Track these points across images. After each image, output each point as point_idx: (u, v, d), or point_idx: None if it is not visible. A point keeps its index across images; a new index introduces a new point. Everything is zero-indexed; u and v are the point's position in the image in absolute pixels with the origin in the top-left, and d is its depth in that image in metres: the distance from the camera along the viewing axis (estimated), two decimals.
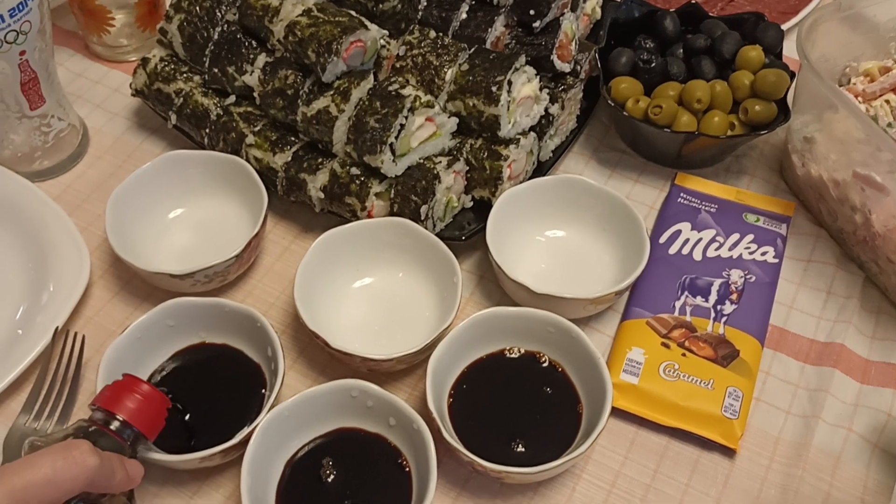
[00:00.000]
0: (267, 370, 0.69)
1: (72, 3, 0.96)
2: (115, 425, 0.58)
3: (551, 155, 0.87)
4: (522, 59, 0.78)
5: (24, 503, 0.48)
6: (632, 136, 0.92)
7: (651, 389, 0.71)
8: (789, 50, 0.90)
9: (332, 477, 0.64)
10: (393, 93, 0.76)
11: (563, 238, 0.82)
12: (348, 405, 0.66)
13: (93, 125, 0.94)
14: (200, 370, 0.71)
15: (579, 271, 0.80)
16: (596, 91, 0.91)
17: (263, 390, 0.68)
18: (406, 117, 0.75)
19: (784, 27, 0.92)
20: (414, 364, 0.73)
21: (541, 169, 0.86)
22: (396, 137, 0.75)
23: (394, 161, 0.76)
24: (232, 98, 0.85)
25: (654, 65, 0.88)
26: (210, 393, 0.69)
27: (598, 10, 0.94)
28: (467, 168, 0.80)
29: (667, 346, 0.74)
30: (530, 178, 0.84)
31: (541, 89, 0.82)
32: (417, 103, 0.76)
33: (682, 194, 0.86)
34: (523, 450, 0.67)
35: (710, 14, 0.93)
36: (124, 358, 0.67)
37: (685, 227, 0.83)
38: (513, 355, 0.72)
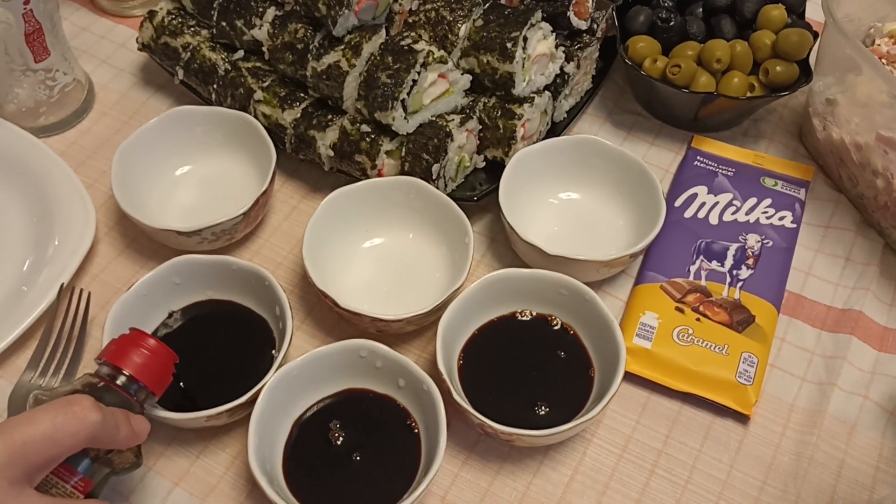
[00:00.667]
0: (275, 329, 0.69)
1: None
2: (121, 380, 0.57)
3: (565, 116, 0.86)
4: (538, 14, 0.76)
5: (23, 458, 0.48)
6: (648, 97, 0.89)
7: (664, 354, 0.70)
8: (811, 11, 0.88)
9: (340, 437, 0.64)
10: (405, 48, 0.74)
11: (576, 200, 0.81)
12: (357, 365, 0.65)
13: (98, 81, 0.92)
14: (207, 327, 0.70)
15: (593, 234, 0.78)
16: (612, 51, 0.89)
17: (271, 350, 0.68)
18: (419, 73, 0.73)
19: None
20: (423, 326, 0.72)
21: (554, 130, 0.85)
22: (408, 94, 0.73)
23: (405, 118, 0.74)
24: (240, 53, 0.83)
25: (672, 24, 0.85)
26: (217, 351, 0.69)
27: None
28: (480, 127, 0.79)
29: (681, 310, 0.73)
30: (544, 138, 0.82)
31: (556, 47, 0.80)
32: (430, 59, 0.74)
33: (698, 157, 0.84)
34: (534, 413, 0.66)
35: None
36: (130, 315, 0.66)
37: (701, 190, 0.81)
38: (524, 318, 0.71)
